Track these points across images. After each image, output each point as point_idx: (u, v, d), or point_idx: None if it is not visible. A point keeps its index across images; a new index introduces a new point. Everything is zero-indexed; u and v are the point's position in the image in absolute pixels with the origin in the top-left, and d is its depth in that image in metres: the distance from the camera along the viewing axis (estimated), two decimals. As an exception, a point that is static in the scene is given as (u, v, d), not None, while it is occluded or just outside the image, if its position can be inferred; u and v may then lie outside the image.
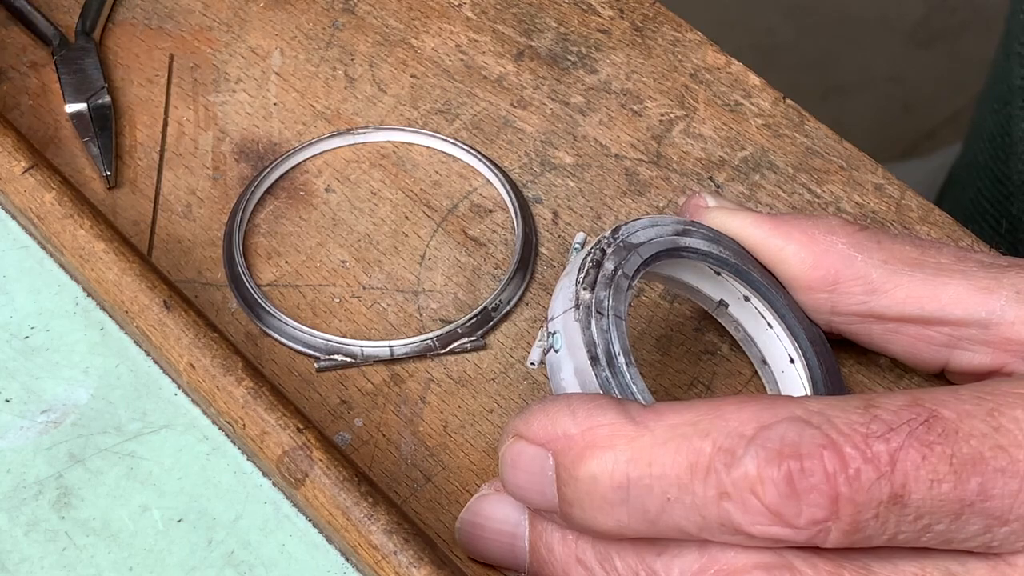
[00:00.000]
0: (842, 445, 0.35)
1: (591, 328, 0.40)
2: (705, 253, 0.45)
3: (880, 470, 0.35)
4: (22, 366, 0.46)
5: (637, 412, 0.37)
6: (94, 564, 0.42)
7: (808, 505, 0.35)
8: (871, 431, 0.35)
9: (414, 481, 0.46)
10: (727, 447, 0.36)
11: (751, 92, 0.55)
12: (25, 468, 0.44)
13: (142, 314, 0.46)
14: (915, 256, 0.43)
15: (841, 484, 0.35)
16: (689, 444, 0.36)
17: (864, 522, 0.35)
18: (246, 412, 0.43)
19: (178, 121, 0.54)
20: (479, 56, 0.56)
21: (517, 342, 0.49)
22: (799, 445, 0.35)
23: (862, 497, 0.35)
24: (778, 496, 0.35)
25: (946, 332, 0.43)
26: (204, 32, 0.57)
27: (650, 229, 0.44)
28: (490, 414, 0.47)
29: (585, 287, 0.41)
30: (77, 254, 0.47)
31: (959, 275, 0.43)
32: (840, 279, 0.44)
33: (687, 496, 0.36)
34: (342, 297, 0.50)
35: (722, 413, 0.36)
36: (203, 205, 0.52)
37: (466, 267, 0.51)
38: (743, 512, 0.35)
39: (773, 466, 0.35)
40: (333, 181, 0.53)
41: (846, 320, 0.44)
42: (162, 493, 0.44)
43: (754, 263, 0.45)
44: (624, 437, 0.37)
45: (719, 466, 0.36)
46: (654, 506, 0.36)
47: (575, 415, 0.37)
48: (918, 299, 0.43)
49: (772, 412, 0.36)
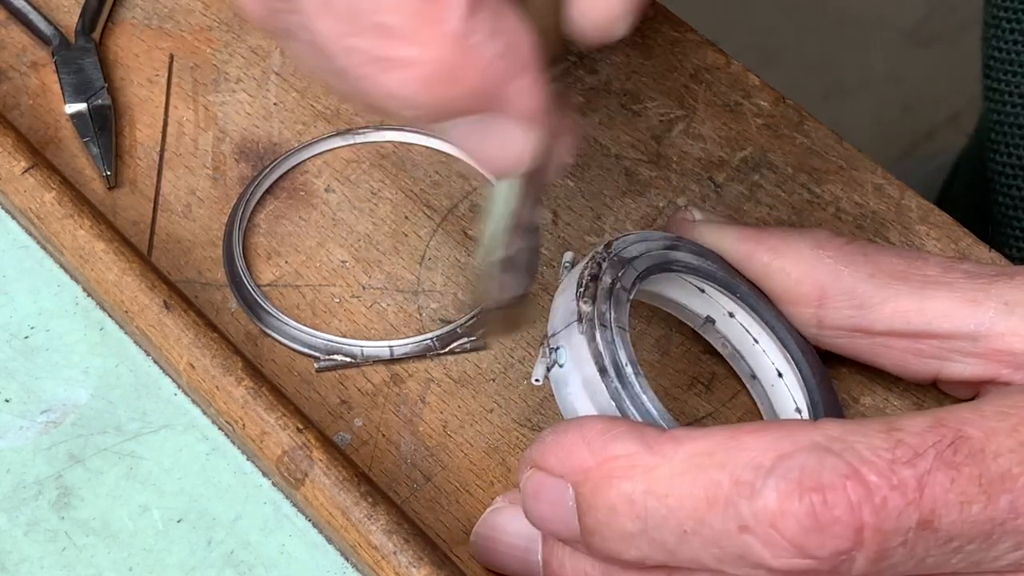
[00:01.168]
0: (866, 474, 0.34)
1: (596, 340, 0.40)
2: (695, 267, 0.45)
3: (908, 497, 0.34)
4: (22, 366, 0.46)
5: (654, 439, 0.36)
6: (94, 564, 0.42)
7: (832, 537, 0.34)
8: (896, 457, 0.35)
9: (414, 481, 0.46)
10: (745, 479, 0.35)
11: (751, 92, 0.55)
12: (25, 468, 0.44)
13: (142, 314, 0.46)
14: (902, 268, 0.43)
15: (866, 514, 0.34)
16: (707, 475, 0.35)
17: (891, 550, 0.35)
18: (246, 412, 0.43)
19: (178, 121, 0.54)
20: (479, 56, 0.56)
21: (517, 342, 0.49)
22: (820, 475, 0.34)
23: (890, 525, 0.34)
24: (800, 529, 0.34)
25: (935, 345, 0.43)
26: (204, 32, 0.57)
27: (640, 244, 0.44)
28: (490, 414, 0.47)
29: (586, 300, 0.41)
30: (77, 254, 0.47)
31: (946, 288, 0.42)
32: (827, 294, 0.43)
33: (705, 529, 0.35)
34: (342, 297, 0.50)
35: (740, 443, 0.36)
36: (203, 205, 0.52)
37: (466, 267, 0.51)
38: (764, 546, 0.35)
39: (794, 499, 0.34)
40: (333, 181, 0.53)
41: (834, 334, 0.44)
42: (162, 493, 0.44)
43: (741, 277, 0.45)
44: (642, 468, 0.36)
45: (737, 499, 0.35)
46: (671, 538, 0.36)
47: (591, 446, 0.37)
48: (905, 313, 0.43)
49: (791, 440, 0.35)
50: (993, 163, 0.64)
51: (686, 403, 0.48)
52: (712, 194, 0.53)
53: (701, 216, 0.46)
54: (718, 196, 0.52)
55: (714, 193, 0.53)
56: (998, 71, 0.63)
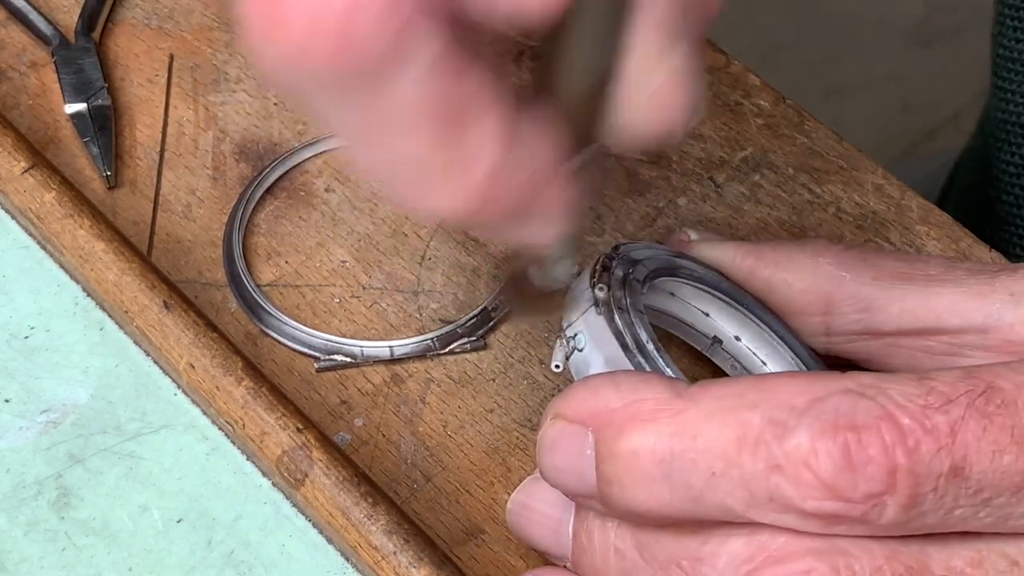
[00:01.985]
0: (900, 417, 0.34)
1: (616, 320, 0.40)
2: (701, 276, 0.45)
3: (940, 442, 0.34)
4: (22, 366, 0.46)
5: (683, 388, 0.36)
6: (94, 564, 0.42)
7: (865, 478, 0.34)
8: (929, 403, 0.34)
9: (414, 481, 0.46)
10: (778, 419, 0.35)
11: (751, 92, 0.55)
12: (25, 468, 0.44)
13: (142, 314, 0.46)
14: (904, 269, 0.43)
15: (900, 456, 0.34)
16: (737, 416, 0.35)
17: (923, 495, 0.34)
18: (246, 412, 0.43)
19: (178, 121, 0.54)
20: (479, 56, 0.56)
21: (517, 342, 0.49)
22: (855, 416, 0.34)
23: (922, 469, 0.34)
24: (833, 468, 0.34)
25: (945, 341, 0.43)
26: (204, 32, 0.57)
27: (647, 250, 0.44)
28: (490, 414, 0.47)
29: (600, 288, 0.41)
30: (77, 254, 0.47)
31: (951, 284, 0.42)
32: (833, 300, 0.43)
33: (734, 470, 0.35)
34: (342, 297, 0.50)
35: (772, 386, 0.35)
36: (203, 205, 0.52)
37: (466, 267, 0.51)
38: (795, 486, 0.34)
39: (828, 438, 0.34)
40: (333, 181, 0.53)
41: (843, 340, 0.44)
42: (162, 493, 0.44)
43: (744, 291, 0.45)
44: (669, 411, 0.36)
45: (770, 438, 0.34)
46: (698, 481, 0.35)
47: (619, 388, 0.36)
48: (913, 311, 0.43)
49: (824, 385, 0.35)
50: (998, 160, 0.64)
51: (686, 403, 0.48)
52: (712, 194, 0.53)
53: (697, 236, 0.46)
54: (718, 196, 0.52)
55: (714, 193, 0.53)
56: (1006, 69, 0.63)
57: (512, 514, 0.42)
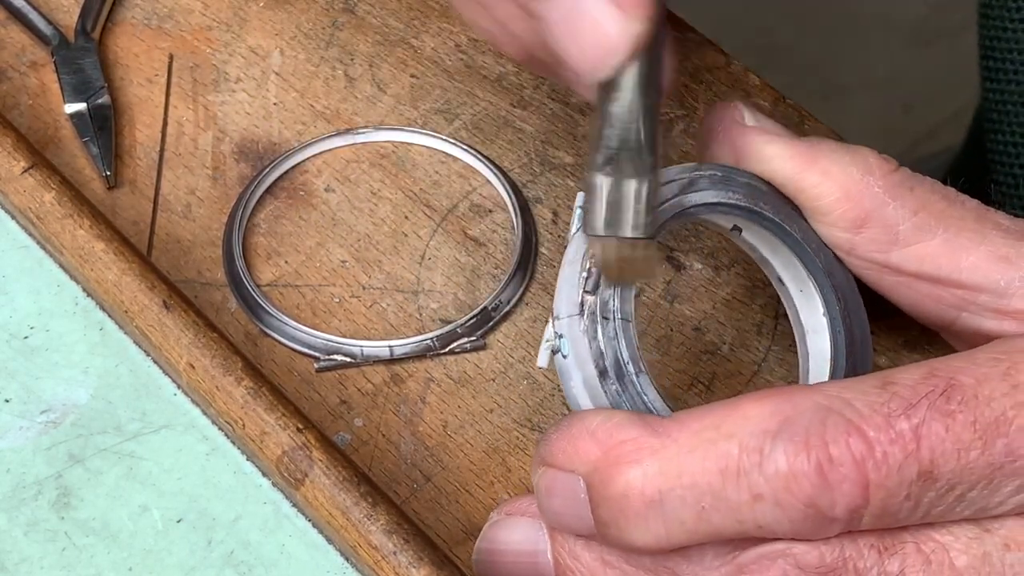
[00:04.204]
0: (866, 429, 0.35)
1: (597, 337, 0.40)
2: (713, 204, 0.43)
3: (907, 449, 0.35)
4: (22, 366, 0.46)
5: (658, 424, 0.37)
6: (94, 564, 0.42)
7: (842, 495, 0.35)
8: (892, 410, 0.35)
9: (414, 481, 0.46)
10: (754, 446, 0.35)
11: (751, 92, 0.55)
12: (25, 468, 0.44)
13: (142, 314, 0.46)
14: (943, 208, 0.43)
15: (870, 470, 0.35)
16: (716, 448, 0.36)
17: (896, 503, 0.35)
18: (246, 412, 0.43)
19: (178, 121, 0.54)
20: (479, 56, 0.56)
21: (517, 342, 0.49)
22: (824, 433, 0.35)
23: (892, 481, 0.35)
24: (811, 488, 0.35)
25: (959, 295, 0.43)
26: (204, 32, 0.57)
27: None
28: (490, 414, 0.47)
29: (588, 289, 0.40)
30: (77, 254, 0.47)
31: (979, 238, 0.42)
32: (868, 223, 0.43)
33: (721, 503, 0.36)
34: (342, 297, 0.50)
35: (743, 411, 0.36)
36: (203, 205, 0.52)
37: (466, 267, 0.51)
38: (779, 510, 0.35)
39: (802, 458, 0.35)
40: (333, 181, 0.53)
41: (862, 264, 0.44)
42: (162, 493, 0.44)
43: (769, 198, 0.44)
44: (648, 450, 0.36)
45: (749, 467, 0.35)
46: (690, 517, 0.36)
47: (595, 436, 0.37)
48: (936, 259, 0.42)
49: (792, 404, 0.36)
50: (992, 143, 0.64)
51: (686, 403, 0.48)
52: (712, 194, 0.52)
53: (753, 121, 0.45)
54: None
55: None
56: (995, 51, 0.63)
57: (480, 564, 0.42)
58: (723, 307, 0.50)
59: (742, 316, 0.50)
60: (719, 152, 0.44)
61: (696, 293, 0.50)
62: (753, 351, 0.49)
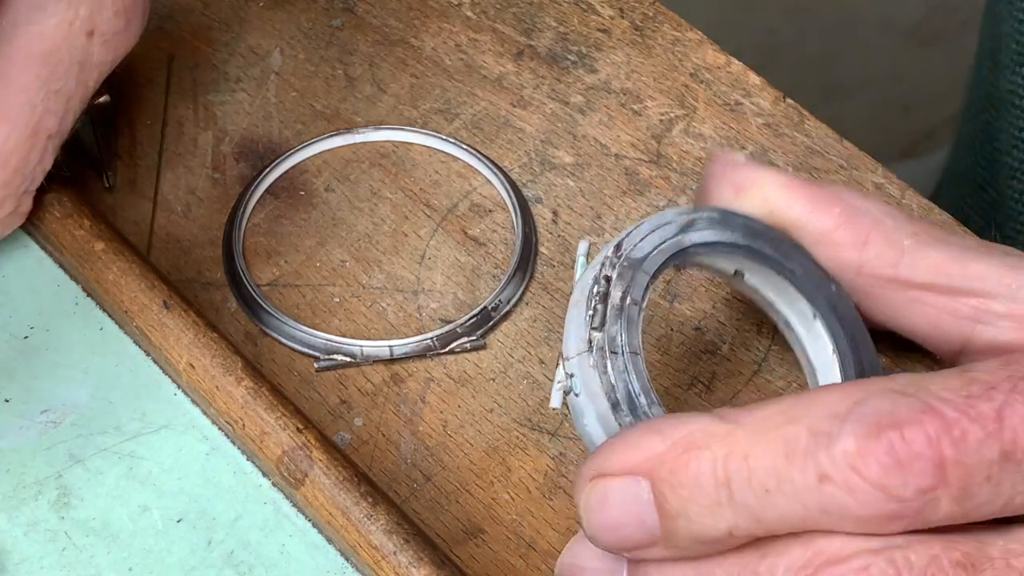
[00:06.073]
0: (942, 408, 0.34)
1: (608, 372, 0.40)
2: (712, 244, 0.44)
3: (987, 429, 0.34)
4: (22, 366, 0.46)
5: (725, 411, 0.36)
6: (94, 564, 0.42)
7: (914, 474, 0.34)
8: (972, 392, 0.35)
9: (414, 481, 0.46)
10: (822, 429, 0.35)
11: (751, 92, 0.55)
12: (25, 468, 0.44)
13: (142, 314, 0.46)
14: (943, 235, 0.43)
15: (947, 447, 0.34)
16: (782, 432, 0.35)
17: (976, 485, 0.34)
18: (246, 412, 0.43)
19: (178, 121, 0.54)
20: (479, 56, 0.56)
21: (517, 342, 0.49)
22: (896, 414, 0.34)
23: (971, 459, 0.34)
24: (880, 469, 0.34)
25: (972, 305, 0.42)
26: (203, 32, 0.57)
27: (653, 235, 0.43)
28: (490, 414, 0.47)
29: (595, 326, 0.40)
30: (77, 254, 0.47)
31: (985, 253, 0.42)
32: (871, 239, 0.43)
33: (786, 485, 0.35)
34: (342, 297, 0.50)
35: (813, 398, 0.36)
36: (203, 205, 0.52)
37: (466, 267, 0.51)
38: (847, 493, 0.34)
39: (872, 439, 0.34)
40: (333, 181, 0.53)
41: (870, 283, 0.43)
42: (162, 493, 0.44)
43: (767, 237, 0.44)
44: (717, 436, 0.36)
45: (815, 449, 0.34)
46: (755, 501, 0.35)
47: (662, 432, 0.36)
48: (946, 268, 0.42)
49: (863, 389, 0.35)
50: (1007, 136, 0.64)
51: (686, 403, 0.48)
52: (712, 194, 0.53)
53: (745, 160, 0.45)
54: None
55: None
56: None
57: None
58: (723, 307, 0.50)
59: (742, 316, 0.50)
60: (718, 191, 0.45)
61: (696, 293, 0.50)
62: (753, 351, 0.49)
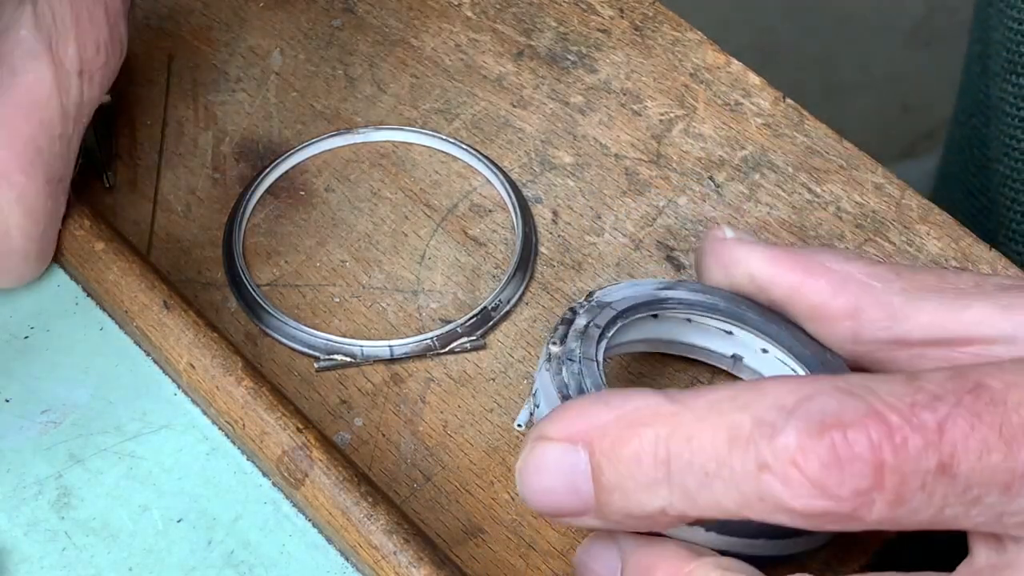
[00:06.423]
0: (887, 414, 0.35)
1: (562, 374, 0.41)
2: (691, 303, 0.44)
3: (928, 439, 0.34)
4: (22, 366, 0.46)
5: (676, 392, 0.37)
6: (94, 564, 0.42)
7: (852, 475, 0.34)
8: (917, 400, 0.35)
9: (414, 481, 0.46)
10: (767, 420, 0.35)
11: (751, 92, 0.55)
12: (25, 468, 0.44)
13: (142, 314, 0.46)
14: (934, 283, 0.43)
15: (887, 453, 0.34)
16: (728, 418, 0.36)
17: (910, 492, 0.35)
18: (246, 412, 0.43)
19: (178, 121, 0.54)
20: (479, 56, 0.56)
21: (517, 342, 0.49)
22: (842, 414, 0.35)
23: (909, 467, 0.34)
24: (820, 466, 0.34)
25: (973, 352, 0.42)
26: (204, 32, 0.57)
27: (627, 290, 0.44)
28: (490, 414, 0.47)
29: (554, 342, 0.42)
30: (77, 254, 0.47)
31: (980, 296, 0.42)
32: (862, 306, 0.43)
33: (725, 470, 0.35)
34: (342, 297, 0.50)
35: (763, 388, 0.36)
36: (203, 205, 0.52)
37: (466, 267, 0.51)
38: (783, 484, 0.35)
39: (815, 436, 0.34)
40: (333, 181, 0.53)
41: (869, 349, 0.44)
42: (162, 493, 0.44)
43: (749, 304, 0.45)
44: (663, 415, 0.36)
45: (759, 438, 0.35)
46: (694, 482, 0.36)
47: (609, 404, 0.37)
48: (942, 322, 0.42)
49: (813, 385, 0.36)
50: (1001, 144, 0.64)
51: (686, 403, 0.48)
52: (712, 194, 0.53)
53: (733, 234, 0.46)
54: (718, 196, 0.52)
55: (714, 193, 0.53)
56: None
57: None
58: (723, 307, 0.50)
59: (742, 316, 0.50)
60: (707, 267, 0.46)
61: (696, 293, 0.50)
62: (753, 351, 0.49)
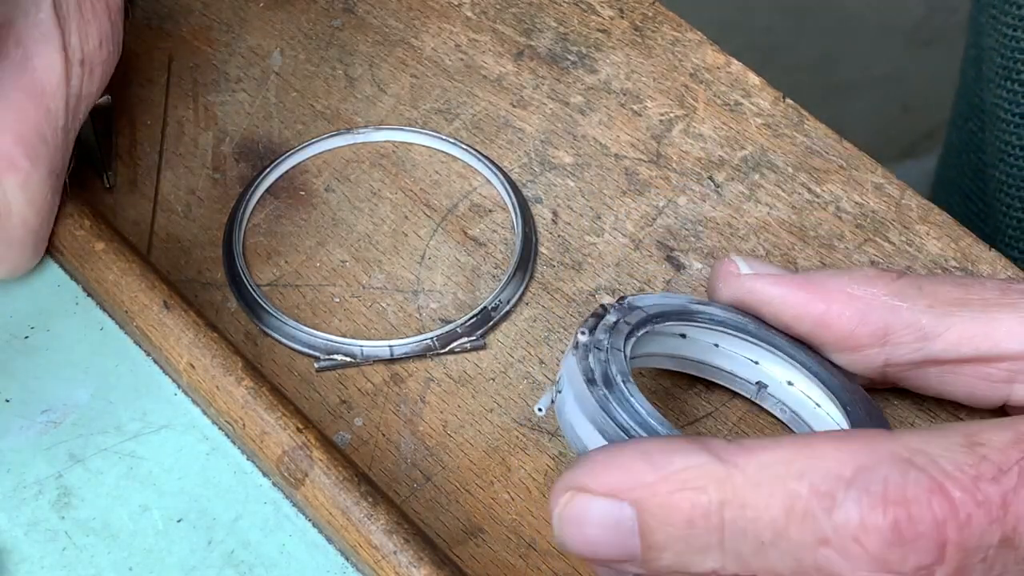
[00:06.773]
0: (951, 489, 0.34)
1: (588, 359, 0.41)
2: (721, 320, 0.44)
3: (992, 515, 0.34)
4: (22, 366, 0.46)
5: (722, 449, 0.36)
6: (94, 564, 0.42)
7: (915, 551, 0.34)
8: (981, 473, 0.34)
9: (414, 481, 0.46)
10: (825, 490, 0.34)
11: (751, 92, 0.55)
12: (25, 468, 0.44)
13: (142, 314, 0.46)
14: (959, 296, 0.43)
15: (951, 531, 0.34)
16: (784, 487, 0.35)
17: (971, 566, 0.34)
18: (246, 412, 0.43)
19: (178, 121, 0.54)
20: (479, 56, 0.56)
21: (517, 342, 0.49)
22: (904, 489, 0.34)
23: (973, 543, 0.34)
24: (883, 543, 0.34)
25: (1004, 368, 0.42)
26: (204, 32, 0.57)
27: (659, 299, 0.44)
28: (490, 414, 0.47)
29: (583, 331, 0.41)
30: (77, 254, 0.47)
31: (1008, 309, 0.42)
32: (890, 331, 0.43)
33: (782, 541, 0.35)
34: (342, 297, 0.50)
35: (817, 452, 0.35)
36: (203, 205, 0.52)
37: (466, 267, 0.51)
38: (843, 558, 0.34)
39: (878, 513, 0.34)
40: (333, 181, 0.53)
41: (901, 369, 0.44)
42: (162, 493, 0.44)
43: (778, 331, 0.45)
44: (715, 478, 0.35)
45: (817, 511, 0.34)
46: (748, 550, 0.35)
47: (651, 460, 0.36)
48: (972, 338, 0.42)
49: (870, 451, 0.35)
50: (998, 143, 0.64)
51: (686, 403, 0.48)
52: (712, 193, 0.53)
53: (747, 268, 0.45)
54: (718, 196, 0.52)
55: (714, 193, 0.53)
56: None
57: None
58: (723, 307, 0.50)
59: (742, 316, 0.50)
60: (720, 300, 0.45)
61: (696, 293, 0.50)
62: (753, 351, 0.49)
